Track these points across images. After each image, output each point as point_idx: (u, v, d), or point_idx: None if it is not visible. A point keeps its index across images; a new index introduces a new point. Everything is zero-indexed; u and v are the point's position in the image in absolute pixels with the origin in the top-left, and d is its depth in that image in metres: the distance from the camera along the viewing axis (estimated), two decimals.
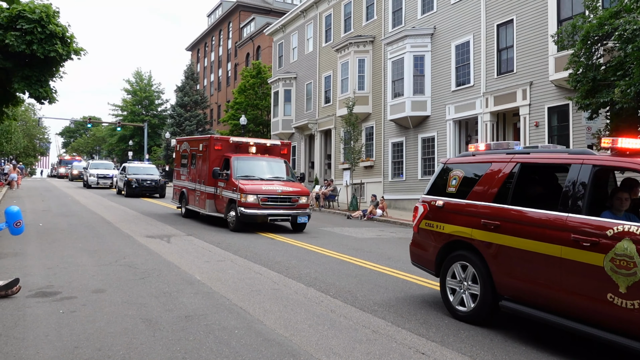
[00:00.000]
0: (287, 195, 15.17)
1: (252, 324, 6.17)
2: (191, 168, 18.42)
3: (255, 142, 17.07)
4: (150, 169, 32.27)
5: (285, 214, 15.11)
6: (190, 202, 18.21)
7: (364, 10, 29.97)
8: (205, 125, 56.95)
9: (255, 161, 16.38)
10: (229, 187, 15.39)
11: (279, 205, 15.04)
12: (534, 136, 19.40)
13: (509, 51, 20.70)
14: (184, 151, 19.60)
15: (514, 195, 6.24)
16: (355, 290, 8.18)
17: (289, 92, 37.42)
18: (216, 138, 16.90)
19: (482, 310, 6.38)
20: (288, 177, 16.41)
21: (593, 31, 12.25)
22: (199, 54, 73.35)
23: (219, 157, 16.55)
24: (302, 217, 15.39)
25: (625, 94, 10.71)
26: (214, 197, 16.42)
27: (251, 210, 14.60)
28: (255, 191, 14.74)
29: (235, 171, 15.52)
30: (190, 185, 18.29)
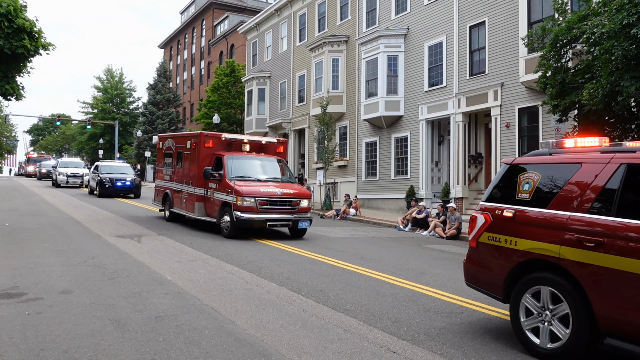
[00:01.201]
0: (287, 198, 13.81)
1: (223, 324, 6.11)
2: (177, 167, 16.97)
3: (249, 139, 15.85)
4: (124, 167, 31.16)
5: (285, 219, 13.75)
6: (176, 204, 16.85)
7: (338, 10, 30.03)
8: (178, 124, 56.39)
9: (251, 160, 15.06)
10: (222, 188, 14.05)
11: (279, 209, 13.72)
12: (505, 137, 19.71)
13: (481, 52, 20.98)
14: (167, 149, 18.12)
15: (621, 205, 5.02)
16: (327, 289, 8.18)
17: (263, 91, 37.26)
18: (207, 135, 15.45)
19: (576, 349, 5.10)
20: (286, 178, 15.17)
21: (562, 34, 12.49)
22: (171, 51, 72.51)
23: (209, 155, 15.10)
24: (304, 222, 14.00)
25: (592, 95, 10.93)
26: (204, 200, 15.06)
27: (248, 214, 13.27)
28: (252, 193, 13.40)
29: (230, 171, 14.15)
30: (176, 186, 16.89)
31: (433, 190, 23.57)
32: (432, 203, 22.17)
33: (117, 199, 27.04)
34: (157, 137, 19.71)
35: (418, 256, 12.45)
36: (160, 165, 18.86)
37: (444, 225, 17.12)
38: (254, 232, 14.53)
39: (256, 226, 13.57)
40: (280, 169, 15.44)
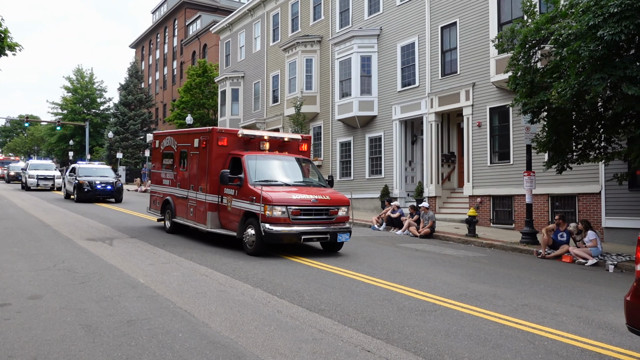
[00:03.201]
0: (323, 205, 11.59)
1: (197, 326, 6.06)
2: (180, 170, 14.54)
3: (270, 136, 13.53)
4: (104, 170, 28.92)
5: (322, 232, 11.43)
6: (180, 213, 14.31)
7: (311, 10, 30.03)
8: (150, 125, 55.72)
9: (275, 161, 12.81)
10: (244, 195, 11.70)
11: (314, 219, 11.47)
12: (477, 136, 19.97)
13: (453, 53, 21.22)
14: (167, 148, 15.60)
15: None
16: (302, 290, 8.17)
17: (237, 91, 37.05)
18: (220, 131, 13.09)
19: None
20: (317, 182, 13.06)
21: (531, 35, 12.70)
22: (143, 51, 71.57)
23: (223, 155, 12.81)
24: (343, 235, 11.71)
25: (561, 95, 11.14)
26: (219, 209, 12.65)
27: (279, 227, 10.98)
28: (284, 201, 11.13)
29: (252, 174, 11.84)
30: (180, 192, 14.39)
31: (407, 190, 23.75)
32: (405, 202, 22.34)
33: (98, 204, 25.16)
34: (153, 134, 17.52)
35: (392, 255, 12.53)
36: (157, 168, 16.33)
37: (417, 224, 17.26)
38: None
39: (286, 241, 11.23)
40: (308, 171, 13.48)
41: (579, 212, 16.54)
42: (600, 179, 15.64)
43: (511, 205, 18.77)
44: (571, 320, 7.05)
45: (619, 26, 9.62)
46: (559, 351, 5.73)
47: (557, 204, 17.33)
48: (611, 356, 5.65)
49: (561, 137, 12.98)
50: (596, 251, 12.40)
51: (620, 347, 5.98)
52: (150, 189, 16.81)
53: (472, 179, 20.08)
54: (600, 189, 15.77)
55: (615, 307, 8.03)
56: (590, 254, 12.36)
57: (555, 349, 5.81)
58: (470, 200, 20.02)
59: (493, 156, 19.54)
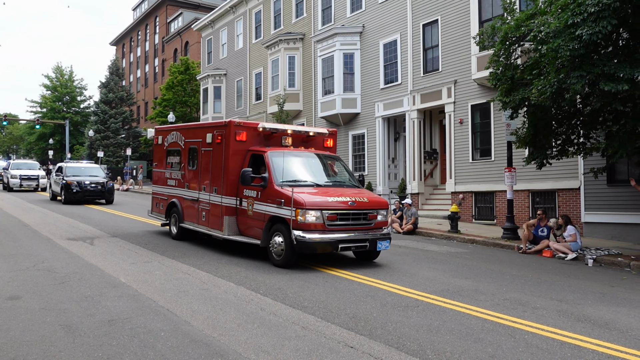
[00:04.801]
0: (361, 209, 10.20)
1: (179, 325, 6.03)
2: (189, 169, 13.11)
3: (293, 130, 12.10)
4: (93, 169, 27.14)
5: (360, 239, 10.04)
6: (189, 218, 12.85)
7: (293, 7, 29.97)
8: (131, 123, 55.17)
9: (302, 158, 11.37)
10: (269, 198, 10.28)
11: (351, 225, 10.11)
12: (459, 133, 20.12)
13: (435, 50, 21.33)
14: (172, 145, 14.12)
15: None
16: (285, 287, 8.17)
17: (219, 89, 36.86)
18: (238, 124, 11.45)
19: None
20: (350, 182, 11.57)
21: (511, 32, 12.82)
22: (124, 49, 70.82)
23: (241, 152, 11.34)
24: (383, 242, 10.33)
25: (541, 92, 11.26)
26: (237, 213, 11.22)
27: (313, 234, 9.58)
28: (318, 205, 9.73)
29: (278, 174, 10.43)
30: (188, 194, 12.95)
31: (390, 187, 23.85)
32: (390, 199, 22.43)
33: (87, 205, 23.59)
34: (155, 130, 15.79)
35: None
36: (160, 166, 14.79)
37: (400, 220, 17.34)
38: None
39: (320, 251, 9.82)
40: (338, 170, 12.12)
41: (559, 207, 16.76)
42: (580, 174, 15.86)
43: (493, 201, 18.95)
44: (551, 314, 7.14)
45: (597, 26, 9.75)
46: (539, 344, 5.80)
47: (538, 200, 17.54)
48: (589, 348, 5.74)
49: (541, 132, 13.12)
50: (576, 246, 12.57)
51: (598, 339, 6.08)
52: (152, 189, 15.38)
53: (454, 175, 20.22)
54: (579, 185, 15.99)
55: (594, 300, 8.16)
56: (569, 248, 12.53)
57: (536, 342, 5.88)
58: (453, 197, 20.17)
59: (475, 153, 19.71)
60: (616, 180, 14.99)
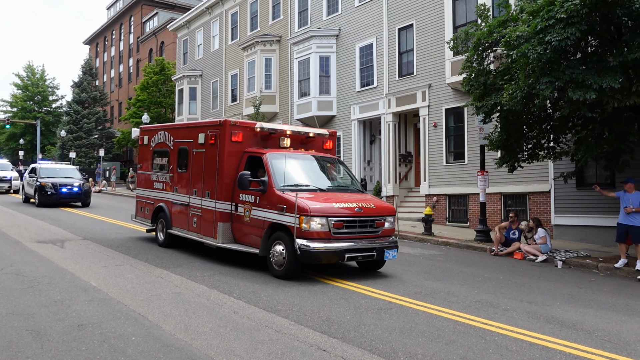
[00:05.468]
0: (369, 216, 9.54)
1: (150, 329, 5.97)
2: (178, 171, 12.26)
3: (292, 130, 11.38)
4: (69, 170, 25.91)
5: (367, 248, 9.38)
6: (178, 223, 12.03)
7: (270, 9, 29.93)
8: (105, 123, 54.37)
9: (303, 161, 10.75)
10: (269, 203, 9.60)
11: (358, 233, 9.44)
12: (433, 136, 20.33)
13: (410, 54, 21.53)
14: (159, 145, 13.28)
15: None
16: (259, 290, 8.15)
17: (195, 90, 36.58)
18: (234, 124, 10.73)
19: None
20: (354, 186, 10.94)
21: (484, 38, 13.03)
22: (97, 48, 69.77)
23: (237, 153, 10.63)
24: (390, 252, 9.69)
25: (512, 97, 11.47)
26: (232, 219, 10.50)
27: (318, 243, 8.91)
28: (324, 211, 9.06)
29: (278, 177, 9.74)
30: (178, 198, 12.11)
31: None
32: None
33: (63, 208, 22.45)
34: (140, 129, 14.81)
35: None
36: (146, 168, 13.91)
37: None
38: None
39: (325, 261, 9.16)
40: (341, 173, 11.51)
41: (530, 210, 17.06)
42: (550, 178, 16.17)
43: (466, 203, 19.19)
44: (521, 316, 7.28)
45: (565, 32, 9.97)
46: (508, 346, 5.90)
47: (510, 203, 17.82)
48: (557, 349, 5.86)
49: (512, 137, 13.35)
50: (546, 248, 12.82)
51: (565, 340, 6.21)
52: (137, 192, 14.59)
53: (428, 178, 20.43)
54: (549, 188, 16.31)
55: (563, 301, 8.34)
56: (540, 250, 12.76)
57: (506, 343, 5.98)
58: (427, 199, 20.37)
59: (448, 156, 19.94)
60: (585, 184, 15.33)
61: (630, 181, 11.62)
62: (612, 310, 7.88)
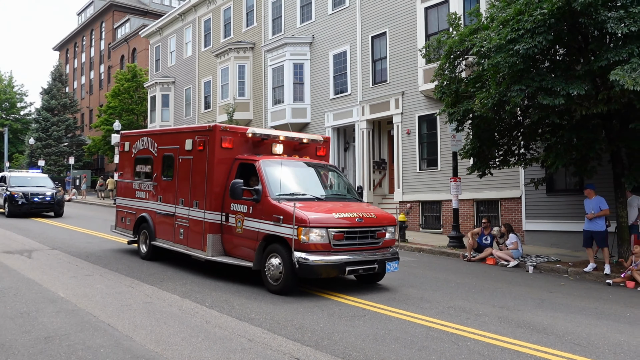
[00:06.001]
0: (369, 226, 9.03)
1: (120, 340, 5.84)
2: (163, 179, 11.61)
3: (285, 136, 10.87)
4: (41, 179, 24.86)
5: (369, 261, 8.89)
6: (162, 235, 11.37)
7: (243, 16, 29.88)
8: (75, 131, 53.43)
9: (298, 169, 10.20)
10: (264, 213, 9.01)
11: (359, 245, 8.93)
12: (406, 143, 20.49)
13: (383, 62, 21.70)
14: (142, 152, 12.58)
15: None
16: (232, 299, 8.07)
17: (167, 97, 36.24)
18: (224, 129, 10.13)
19: None
20: (351, 195, 10.39)
21: (455, 46, 13.20)
22: (67, 54, 68.65)
23: (228, 160, 10.05)
24: (392, 264, 9.20)
25: (483, 104, 11.64)
26: (223, 230, 9.89)
27: (318, 255, 8.36)
28: (323, 222, 8.54)
29: (274, 186, 9.16)
30: (163, 208, 11.43)
31: None
32: None
33: (34, 218, 21.61)
34: (121, 135, 14.00)
35: None
36: (127, 176, 13.16)
37: None
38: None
39: (325, 275, 8.62)
40: (337, 181, 11.10)
41: (501, 216, 17.29)
42: (521, 184, 16.43)
43: (439, 210, 19.36)
44: (493, 321, 7.34)
45: (533, 41, 10.18)
46: (481, 351, 5.94)
47: (482, 209, 18.04)
48: (528, 353, 5.92)
49: (484, 144, 13.53)
50: (517, 253, 12.99)
51: (536, 344, 6.28)
52: (117, 202, 13.75)
53: (402, 185, 20.56)
54: (520, 194, 16.57)
55: (534, 306, 8.45)
56: (511, 256, 12.93)
57: (478, 348, 6.02)
58: (401, 206, 20.48)
59: (422, 163, 20.11)
60: (555, 190, 15.62)
61: (589, 187, 11.99)
62: (581, 314, 8.02)
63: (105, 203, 33.90)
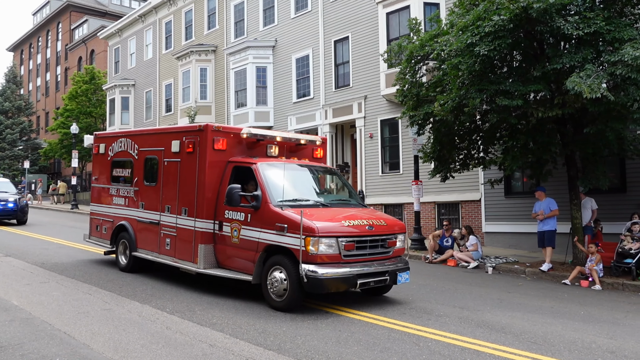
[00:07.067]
0: (380, 234, 8.31)
1: (77, 349, 5.68)
2: (145, 184, 10.63)
3: (282, 137, 10.03)
4: (2, 184, 23.11)
5: (380, 272, 8.13)
6: (145, 244, 10.43)
7: (205, 19, 29.61)
8: (30, 134, 51.85)
9: (299, 172, 9.44)
10: (264, 222, 8.21)
11: (369, 255, 8.19)
12: (369, 147, 20.66)
13: (346, 66, 21.84)
14: (120, 154, 11.55)
15: None
16: (193, 304, 7.95)
17: (127, 100, 35.54)
18: (217, 129, 9.25)
19: None
20: (355, 200, 9.64)
21: (416, 51, 13.40)
22: (22, 55, 66.61)
23: (220, 163, 9.18)
24: (403, 275, 8.48)
25: (443, 107, 11.85)
26: (216, 240, 9.02)
27: (327, 268, 7.59)
28: (332, 231, 7.78)
29: (274, 191, 8.35)
30: (145, 216, 10.46)
31: None
32: None
33: None
34: (95, 136, 13.00)
35: None
36: (102, 181, 12.14)
37: None
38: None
39: (334, 289, 7.83)
40: (339, 186, 10.57)
41: (462, 218, 17.61)
42: (481, 187, 16.77)
43: (401, 213, 19.54)
44: (453, 321, 7.46)
45: (493, 44, 10.43)
46: (441, 351, 6.02)
47: (443, 211, 18.33)
48: (487, 352, 6.04)
49: (445, 147, 13.75)
50: (477, 255, 13.25)
51: (495, 343, 6.41)
52: (91, 209, 12.65)
53: (365, 188, 20.70)
54: (480, 197, 16.91)
55: (492, 306, 8.62)
56: (472, 257, 13.18)
57: (439, 349, 6.10)
58: None
59: (384, 166, 20.30)
60: (513, 193, 16.01)
61: (540, 189, 12.50)
62: (538, 313, 8.22)
63: (62, 208, 32.97)
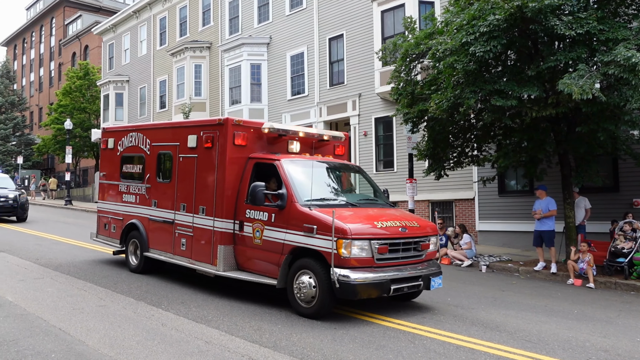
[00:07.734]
0: (413, 237, 7.82)
1: (72, 345, 5.68)
2: (158, 181, 10.17)
3: (305, 132, 9.46)
4: (2, 179, 22.26)
5: (414, 277, 7.67)
6: (158, 245, 9.95)
7: (200, 15, 29.51)
8: (24, 129, 51.58)
9: (324, 170, 8.87)
10: (289, 222, 7.72)
11: (402, 258, 7.71)
12: (363, 145, 20.69)
13: (340, 64, 21.84)
14: (130, 149, 11.08)
15: None
16: (189, 301, 7.96)
17: (121, 96, 35.39)
18: (237, 124, 8.74)
19: None
20: (382, 200, 9.18)
21: (411, 49, 13.43)
22: (16, 50, 66.17)
23: (240, 160, 8.68)
24: (436, 279, 7.99)
25: (438, 106, 11.88)
26: (236, 241, 8.53)
27: (360, 272, 7.10)
28: (365, 233, 7.28)
29: (301, 190, 7.89)
30: (158, 214, 9.96)
31: None
32: None
33: None
34: (103, 131, 12.50)
35: None
36: (111, 177, 11.65)
37: None
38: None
39: (366, 296, 7.27)
40: (364, 184, 9.89)
41: (456, 216, 17.68)
42: (474, 185, 16.84)
43: None
44: (448, 319, 7.50)
45: (488, 45, 10.47)
46: (436, 349, 6.06)
47: (437, 209, 18.37)
48: (482, 350, 6.08)
49: (439, 145, 13.81)
50: (471, 253, 13.32)
51: (489, 341, 6.46)
52: (98, 206, 12.15)
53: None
54: (474, 195, 16.98)
55: (487, 304, 8.67)
56: (465, 255, 13.24)
57: (434, 347, 6.14)
58: None
59: (378, 164, 20.34)
60: (506, 191, 16.08)
61: (541, 188, 12.43)
62: (532, 312, 8.28)
63: (55, 204, 32.85)
